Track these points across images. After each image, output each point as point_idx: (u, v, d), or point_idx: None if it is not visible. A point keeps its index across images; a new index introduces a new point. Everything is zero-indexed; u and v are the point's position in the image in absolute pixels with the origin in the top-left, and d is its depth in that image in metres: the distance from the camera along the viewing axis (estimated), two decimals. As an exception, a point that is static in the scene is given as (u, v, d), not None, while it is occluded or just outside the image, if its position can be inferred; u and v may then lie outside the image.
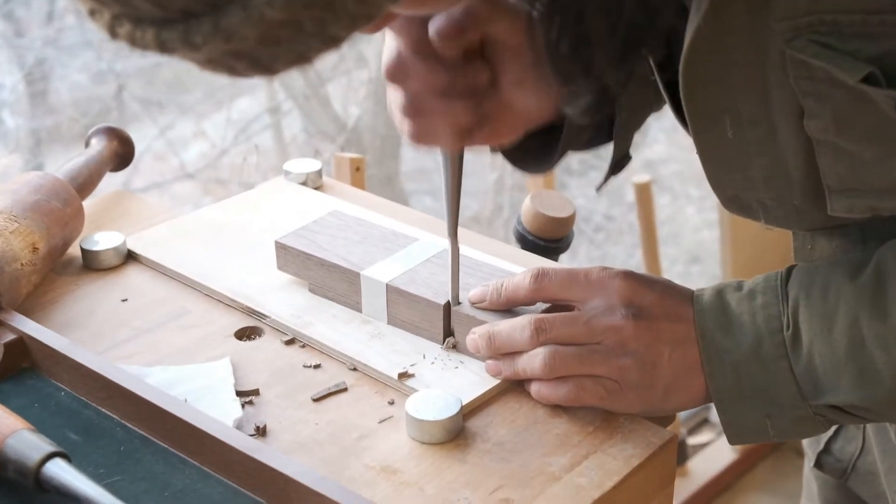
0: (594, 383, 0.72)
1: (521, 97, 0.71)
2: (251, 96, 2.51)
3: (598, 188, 0.84)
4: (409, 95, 0.69)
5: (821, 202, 0.67)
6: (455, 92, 0.69)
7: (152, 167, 2.39)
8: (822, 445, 0.91)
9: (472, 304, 0.77)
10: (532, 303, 0.76)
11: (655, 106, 0.85)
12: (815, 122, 0.63)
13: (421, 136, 0.71)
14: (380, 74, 2.34)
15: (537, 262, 0.91)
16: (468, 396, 0.73)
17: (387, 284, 0.80)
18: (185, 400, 0.72)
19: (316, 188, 1.03)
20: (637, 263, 2.40)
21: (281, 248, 0.85)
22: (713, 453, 2.25)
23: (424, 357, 0.77)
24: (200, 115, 2.43)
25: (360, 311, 0.82)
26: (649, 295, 0.72)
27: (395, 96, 0.71)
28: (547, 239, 0.95)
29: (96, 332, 0.82)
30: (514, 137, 0.75)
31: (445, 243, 0.81)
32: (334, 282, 0.83)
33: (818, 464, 0.92)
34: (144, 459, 0.67)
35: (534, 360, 0.72)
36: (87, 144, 1.02)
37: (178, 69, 2.41)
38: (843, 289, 0.67)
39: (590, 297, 0.73)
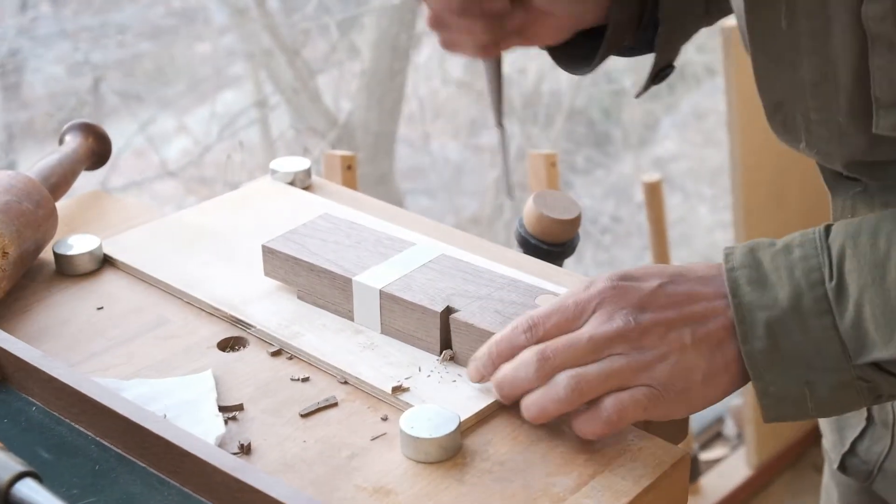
0: (632, 394, 0.70)
1: (559, 8, 0.82)
2: (237, 89, 2.51)
3: (638, 95, 0.91)
4: (433, 11, 0.81)
5: (867, 120, 0.67)
6: (470, 12, 0.79)
7: (131, 165, 2.39)
8: (846, 446, 0.92)
9: (474, 382, 0.75)
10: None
11: (706, 19, 0.89)
12: (875, 7, 0.63)
13: (447, 46, 0.83)
14: (373, 66, 2.34)
15: (540, 267, 0.90)
16: (467, 412, 0.72)
17: (380, 291, 0.80)
18: (165, 416, 0.72)
19: (305, 188, 1.03)
20: (646, 267, 2.39)
21: (268, 252, 0.85)
22: (727, 469, 2.25)
23: (420, 370, 0.77)
24: (183, 109, 2.43)
25: (351, 319, 0.82)
26: (644, 289, 0.71)
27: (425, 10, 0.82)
28: (550, 243, 0.95)
29: (70, 343, 0.81)
30: (558, 40, 0.85)
31: (443, 247, 0.80)
32: (325, 288, 0.82)
33: (842, 466, 0.92)
34: (121, 479, 0.67)
35: (557, 392, 0.70)
36: (61, 141, 1.01)
37: (159, 60, 2.41)
38: (894, 234, 0.66)
39: (586, 317, 0.72)
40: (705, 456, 2.32)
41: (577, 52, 0.88)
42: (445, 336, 0.78)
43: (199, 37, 2.45)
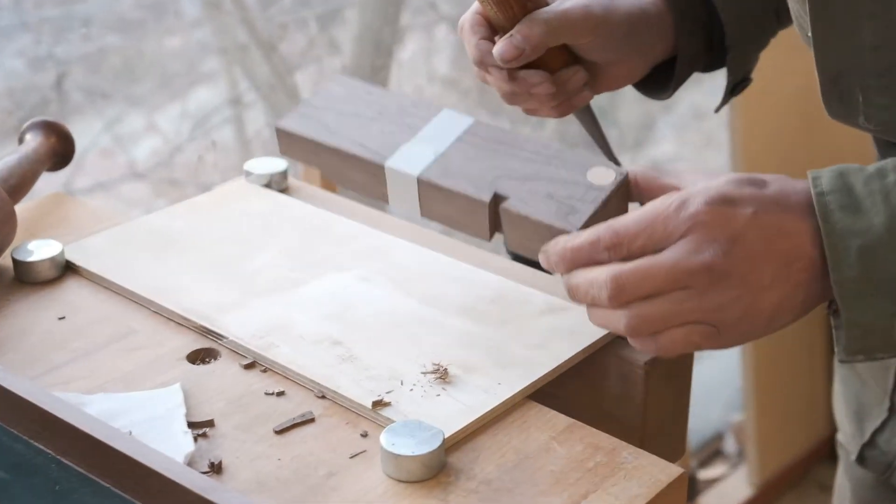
0: (686, 334, 0.71)
1: (623, 67, 0.91)
2: (210, 86, 2.51)
3: (717, 109, 0.97)
4: (500, 92, 0.88)
5: None
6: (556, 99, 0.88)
7: (97, 165, 2.38)
8: (866, 438, 0.94)
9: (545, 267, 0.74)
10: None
11: (779, 26, 0.95)
12: None
13: (530, 113, 0.90)
14: (355, 62, 2.34)
15: (529, 275, 0.90)
16: (451, 428, 0.72)
17: (418, 179, 0.76)
18: (130, 432, 0.71)
19: (281, 191, 1.02)
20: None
21: (284, 135, 0.80)
22: (727, 489, 2.26)
23: (402, 383, 0.77)
24: (152, 107, 2.42)
25: (386, 201, 0.77)
26: (740, 218, 0.71)
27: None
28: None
29: (29, 355, 0.81)
30: (629, 83, 0.94)
31: (469, 119, 0.77)
32: (353, 172, 0.77)
33: (860, 458, 0.94)
34: (83, 500, 0.66)
35: (617, 323, 0.72)
36: (20, 140, 1.01)
37: (127, 55, 2.40)
38: None
39: (674, 240, 0.71)
40: (704, 475, 2.32)
41: (652, 80, 0.94)
42: (495, 222, 0.74)
43: (170, 30, 2.45)
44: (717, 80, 1.00)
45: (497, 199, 0.74)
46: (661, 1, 0.91)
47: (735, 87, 0.96)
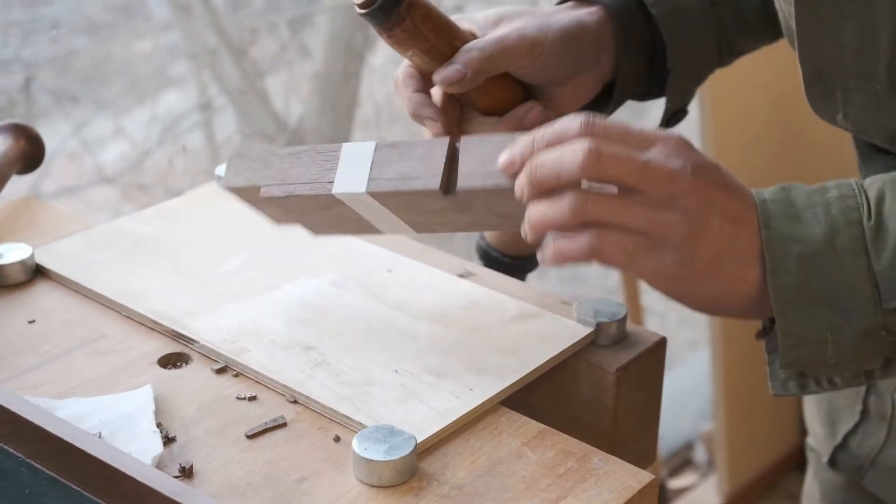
0: (620, 235, 0.70)
1: (567, 91, 0.88)
2: (179, 90, 2.50)
3: None
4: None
5: None
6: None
7: (64, 169, 2.37)
8: (838, 440, 0.95)
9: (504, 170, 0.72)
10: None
11: (719, 63, 0.95)
12: None
13: None
14: (326, 68, 2.35)
15: (501, 281, 0.91)
16: (424, 433, 0.73)
17: (376, 143, 0.77)
18: (99, 433, 0.71)
19: (253, 196, 1.03)
20: (613, 285, 2.41)
21: (234, 191, 0.82)
22: (697, 498, 2.27)
23: (374, 389, 0.77)
24: (120, 110, 2.42)
25: (331, 192, 0.77)
26: (710, 164, 0.72)
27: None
28: (513, 256, 0.96)
29: (-2, 358, 0.81)
30: (578, 107, 0.91)
31: (372, 142, 0.78)
32: (312, 212, 0.79)
33: (832, 461, 0.95)
34: (53, 504, 0.67)
35: (561, 203, 0.70)
36: (-11, 143, 1.01)
37: (95, 58, 2.39)
38: None
39: (647, 146, 0.71)
40: (674, 484, 2.34)
41: (588, 103, 0.92)
42: (449, 168, 0.74)
43: (139, 34, 2.44)
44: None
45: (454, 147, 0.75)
46: (603, 13, 0.89)
47: (671, 117, 0.95)
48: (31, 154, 1.02)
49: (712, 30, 0.94)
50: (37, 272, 0.91)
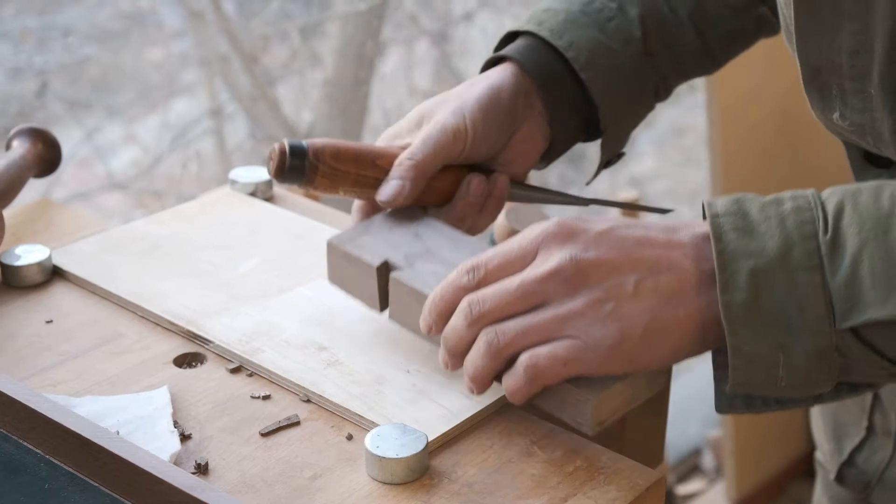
0: (550, 349, 0.69)
1: (512, 152, 0.89)
2: (190, 97, 2.52)
3: (588, 182, 0.94)
4: None
5: (893, 96, 0.71)
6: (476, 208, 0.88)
7: (76, 176, 2.38)
8: (845, 456, 0.94)
9: (426, 334, 0.77)
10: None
11: (657, 101, 0.95)
12: None
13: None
14: (336, 75, 2.36)
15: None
16: (435, 432, 0.74)
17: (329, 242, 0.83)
18: (118, 432, 0.72)
19: (266, 199, 1.04)
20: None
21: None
22: (705, 504, 2.27)
23: (387, 387, 0.79)
24: (131, 117, 2.44)
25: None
26: (591, 231, 0.71)
27: None
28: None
29: (17, 358, 0.82)
30: (536, 158, 0.92)
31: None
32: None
33: (839, 477, 0.95)
34: (71, 499, 0.67)
35: (478, 349, 0.71)
36: (7, 147, 1.02)
37: (106, 66, 2.41)
38: None
39: (529, 260, 0.72)
40: (682, 490, 2.34)
41: None
42: (384, 293, 0.79)
43: (151, 41, 2.46)
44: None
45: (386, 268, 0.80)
46: (514, 67, 0.89)
47: (609, 160, 0.96)
48: (48, 157, 1.03)
49: (649, 80, 0.94)
50: (54, 273, 0.92)
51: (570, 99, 0.91)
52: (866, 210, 0.67)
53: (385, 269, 0.79)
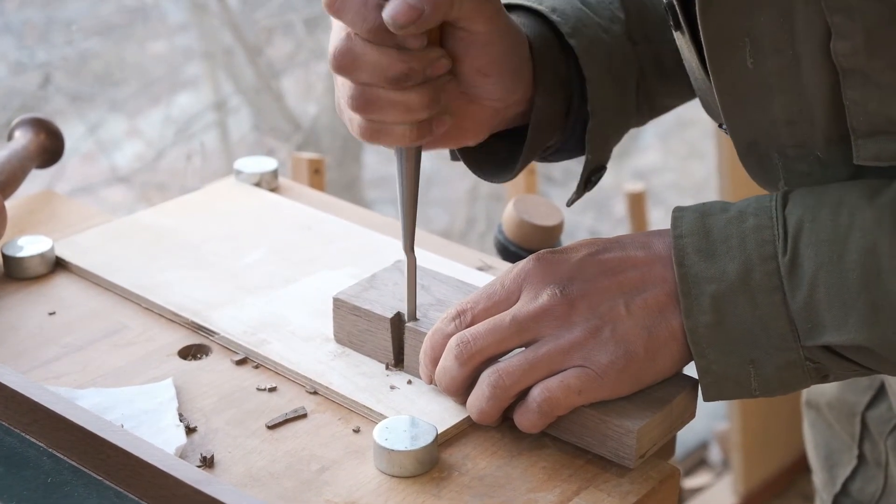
0: (561, 379, 0.69)
1: (487, 89, 0.75)
2: (193, 90, 2.51)
3: (570, 202, 0.87)
4: (360, 87, 0.71)
5: (846, 151, 0.68)
6: (411, 81, 0.70)
7: (79, 169, 2.37)
8: (838, 487, 0.92)
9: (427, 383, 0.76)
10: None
11: (637, 117, 0.88)
12: (844, 43, 0.64)
13: (373, 133, 0.72)
14: (339, 68, 2.35)
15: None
16: (444, 424, 0.73)
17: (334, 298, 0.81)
18: (122, 425, 0.72)
19: (271, 190, 1.03)
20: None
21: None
22: (712, 498, 2.27)
23: (395, 380, 0.77)
24: (134, 111, 2.42)
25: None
26: (570, 261, 0.71)
27: (343, 89, 0.73)
28: (531, 250, 0.96)
29: (19, 350, 0.81)
30: (478, 138, 0.79)
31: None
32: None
33: None
34: (75, 493, 0.67)
35: (482, 391, 0.71)
36: (10, 137, 1.01)
37: (109, 59, 2.40)
38: (858, 210, 0.66)
39: (515, 299, 0.72)
40: (689, 483, 2.33)
41: (496, 158, 0.84)
42: (399, 346, 0.79)
43: (154, 34, 2.45)
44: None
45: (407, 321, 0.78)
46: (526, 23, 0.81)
47: (590, 176, 0.85)
48: (50, 148, 1.02)
49: (632, 69, 0.86)
50: (57, 265, 0.91)
51: (555, 75, 0.82)
52: (824, 230, 0.66)
53: (398, 321, 0.78)
